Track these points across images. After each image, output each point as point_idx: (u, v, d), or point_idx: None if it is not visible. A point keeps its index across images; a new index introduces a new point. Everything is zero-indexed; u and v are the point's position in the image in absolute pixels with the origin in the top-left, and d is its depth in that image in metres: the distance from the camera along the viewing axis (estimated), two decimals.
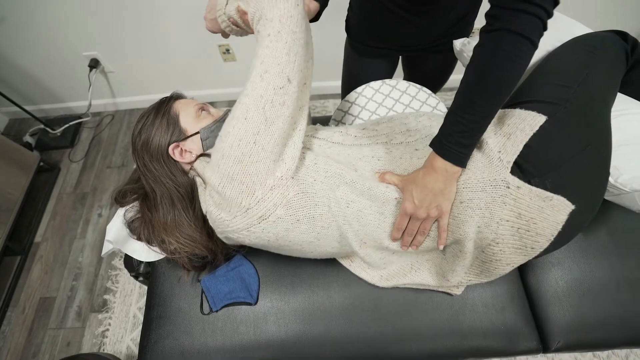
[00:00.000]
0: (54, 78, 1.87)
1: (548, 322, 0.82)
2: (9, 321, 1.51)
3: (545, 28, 0.53)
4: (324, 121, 1.09)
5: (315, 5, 0.79)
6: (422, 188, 0.63)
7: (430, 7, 0.85)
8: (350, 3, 1.01)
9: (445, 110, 0.90)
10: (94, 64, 1.78)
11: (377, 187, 0.67)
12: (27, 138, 1.97)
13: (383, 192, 0.67)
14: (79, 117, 2.03)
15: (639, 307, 0.81)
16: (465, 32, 0.98)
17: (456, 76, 0.86)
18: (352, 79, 1.16)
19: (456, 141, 0.60)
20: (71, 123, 1.98)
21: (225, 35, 0.73)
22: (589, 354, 1.29)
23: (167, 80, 1.92)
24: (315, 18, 0.83)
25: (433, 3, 0.83)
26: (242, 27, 0.69)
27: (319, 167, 0.66)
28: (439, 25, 0.91)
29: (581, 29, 0.91)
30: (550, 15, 0.52)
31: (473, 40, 0.90)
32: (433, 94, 1.02)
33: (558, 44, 0.85)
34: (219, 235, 0.72)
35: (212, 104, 2.05)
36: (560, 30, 0.90)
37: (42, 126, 1.93)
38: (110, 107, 2.09)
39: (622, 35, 0.78)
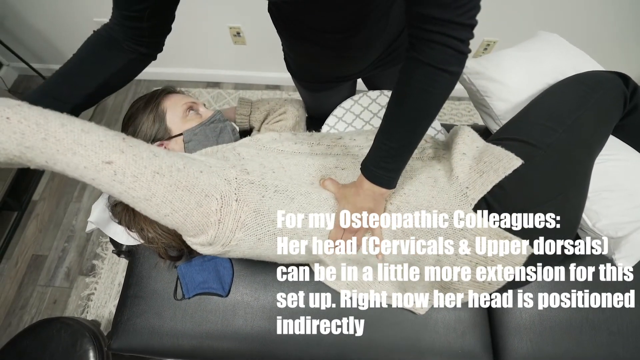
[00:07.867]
0: (64, 39, 1.87)
1: (505, 353, 0.84)
2: (1, 273, 1.57)
3: (465, 54, 0.50)
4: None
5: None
6: (352, 205, 0.64)
7: (361, 35, 0.74)
8: (282, 45, 0.91)
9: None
10: None
11: (332, 198, 0.68)
12: None
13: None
14: None
15: (597, 348, 0.82)
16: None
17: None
18: (313, 111, 1.12)
19: (380, 165, 0.60)
20: None
21: None
22: None
23: (177, 55, 1.90)
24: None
25: (362, 29, 0.73)
26: None
27: (267, 183, 0.66)
28: (376, 48, 0.83)
29: (586, 61, 0.89)
30: (466, 42, 0.48)
31: None
32: None
33: (560, 75, 0.83)
34: None
35: (217, 84, 2.05)
36: (562, 60, 0.88)
37: None
38: None
39: (624, 78, 0.76)
